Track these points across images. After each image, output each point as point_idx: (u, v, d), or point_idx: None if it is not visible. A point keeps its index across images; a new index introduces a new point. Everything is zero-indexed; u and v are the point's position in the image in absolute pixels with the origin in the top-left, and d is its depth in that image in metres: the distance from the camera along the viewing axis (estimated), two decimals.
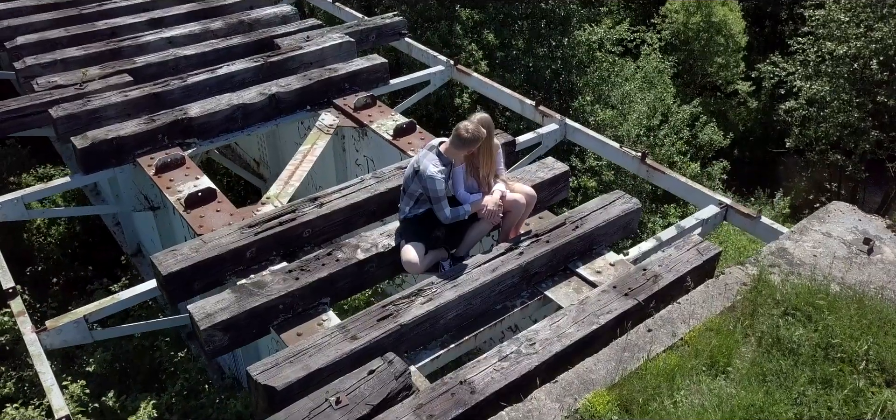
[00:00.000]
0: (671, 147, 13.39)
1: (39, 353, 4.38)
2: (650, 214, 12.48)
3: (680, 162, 13.58)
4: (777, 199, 15.59)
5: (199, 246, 4.76)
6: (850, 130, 15.04)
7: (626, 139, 12.25)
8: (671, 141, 13.51)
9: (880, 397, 3.72)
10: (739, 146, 19.21)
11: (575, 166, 11.73)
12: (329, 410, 3.69)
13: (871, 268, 4.67)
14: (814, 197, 17.88)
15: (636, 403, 3.72)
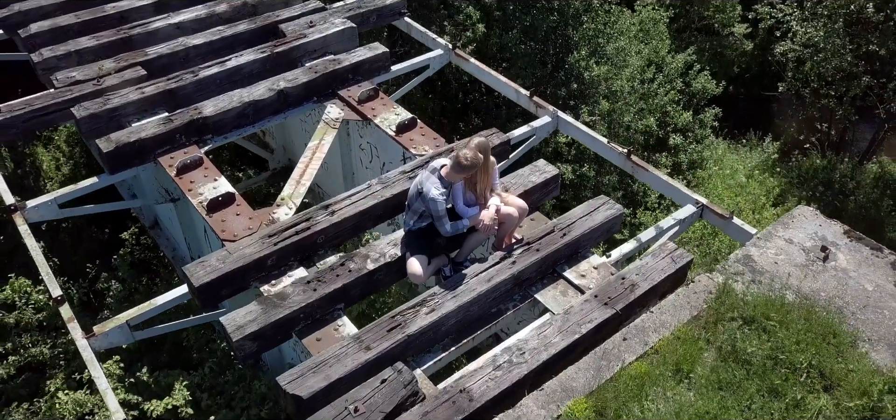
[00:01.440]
0: (664, 97, 13.76)
1: (91, 358, 5.03)
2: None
3: (672, 111, 13.98)
4: (766, 144, 16.08)
5: (225, 257, 5.33)
6: (842, 75, 15.38)
7: (620, 95, 12.63)
8: (664, 91, 13.87)
9: (817, 403, 4.40)
10: (735, 84, 19.52)
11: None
12: (349, 419, 4.36)
13: (825, 275, 5.28)
14: (804, 137, 18.37)
15: (610, 409, 4.40)
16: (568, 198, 12.78)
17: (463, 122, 12.92)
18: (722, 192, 12.75)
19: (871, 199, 14.64)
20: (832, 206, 14.37)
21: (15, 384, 7.80)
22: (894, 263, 5.40)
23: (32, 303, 7.60)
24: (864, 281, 5.23)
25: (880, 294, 5.13)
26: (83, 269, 9.62)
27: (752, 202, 12.39)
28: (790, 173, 15.51)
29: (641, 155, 13.74)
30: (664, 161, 13.58)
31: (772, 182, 15.17)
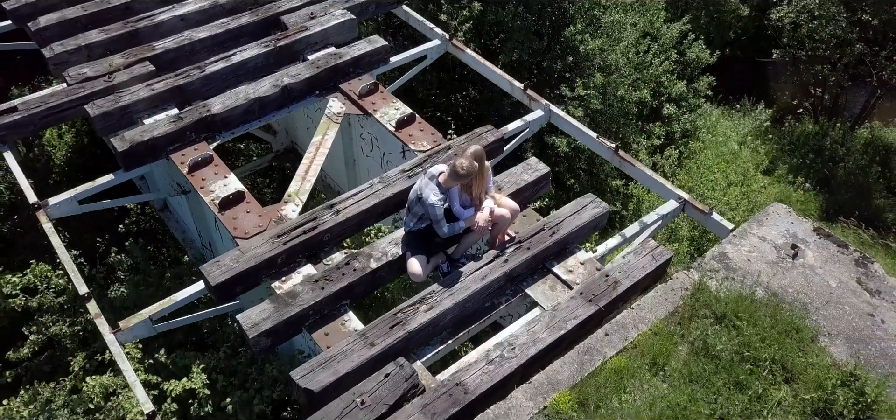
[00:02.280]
0: (659, 67, 14.01)
1: (119, 352, 5.52)
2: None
3: (667, 81, 14.26)
4: (758, 111, 16.39)
5: (239, 256, 5.77)
6: (836, 41, 15.62)
7: (614, 68, 12.90)
8: (659, 61, 14.12)
9: (778, 395, 4.91)
10: (731, 47, 19.67)
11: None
12: (356, 410, 4.87)
13: (794, 273, 5.74)
14: (798, 102, 18.63)
15: (592, 401, 4.91)
16: (563, 170, 13.19)
17: (462, 109, 13.21)
18: (712, 164, 13.14)
19: (860, 166, 15.04)
20: (821, 174, 14.79)
21: (38, 362, 8.35)
22: (858, 261, 5.85)
23: (53, 287, 8.07)
24: (828, 278, 5.70)
25: (842, 290, 5.61)
26: (91, 242, 10.09)
27: (743, 172, 12.77)
28: (782, 140, 15.87)
29: (635, 125, 14.09)
30: (657, 131, 13.90)
31: (763, 149, 15.57)
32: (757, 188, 12.52)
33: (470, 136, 6.88)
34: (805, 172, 15.17)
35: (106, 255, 10.72)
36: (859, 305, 5.50)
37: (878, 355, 5.17)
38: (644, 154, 13.29)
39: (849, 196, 14.56)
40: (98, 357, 7.54)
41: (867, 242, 13.42)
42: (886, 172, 15.18)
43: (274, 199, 10.72)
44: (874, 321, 5.39)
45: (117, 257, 10.39)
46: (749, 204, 11.57)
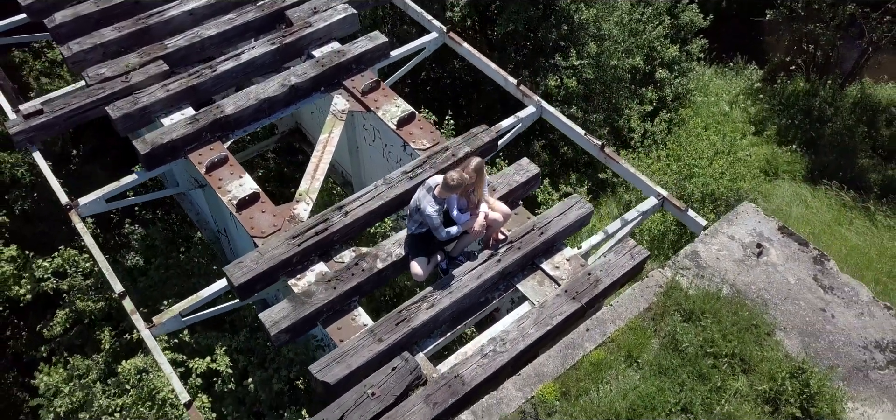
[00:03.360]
0: (652, 32, 14.40)
1: (155, 346, 6.26)
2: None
3: (660, 46, 14.66)
4: (750, 71, 16.82)
5: (258, 258, 6.44)
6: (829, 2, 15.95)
7: (608, 36, 13.30)
8: (653, 26, 14.49)
9: (735, 385, 5.67)
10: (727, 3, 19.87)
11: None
12: (368, 401, 5.64)
13: (757, 270, 6.43)
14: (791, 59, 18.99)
15: (573, 391, 5.68)
16: (556, 138, 13.75)
17: (463, 97, 13.67)
18: (701, 131, 13.67)
19: (848, 126, 15.57)
20: (808, 136, 15.34)
21: (69, 336, 9.13)
22: (816, 258, 6.54)
23: (81, 270, 8.77)
24: (788, 274, 6.39)
25: (800, 287, 6.31)
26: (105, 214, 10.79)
27: (730, 141, 13.33)
28: (772, 100, 16.34)
29: (629, 89, 14.57)
30: (649, 95, 14.40)
31: (754, 110, 16.08)
32: (743, 156, 13.10)
33: (466, 136, 7.45)
34: (793, 133, 15.73)
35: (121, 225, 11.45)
36: (813, 301, 6.22)
37: (826, 348, 5.91)
38: (636, 120, 13.83)
39: (834, 157, 15.16)
40: (127, 336, 8.30)
41: (848, 204, 14.13)
42: (872, 132, 15.73)
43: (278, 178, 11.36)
44: (825, 316, 6.12)
45: (130, 228, 11.11)
46: (733, 173, 12.17)
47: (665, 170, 12.41)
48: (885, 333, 6.01)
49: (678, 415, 5.50)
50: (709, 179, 11.65)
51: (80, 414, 7.94)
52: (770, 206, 13.47)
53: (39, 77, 11.45)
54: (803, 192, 14.27)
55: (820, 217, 13.37)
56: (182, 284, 8.81)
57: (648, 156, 13.21)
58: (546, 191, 12.18)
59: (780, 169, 14.88)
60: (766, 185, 14.30)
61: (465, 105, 14.26)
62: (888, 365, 5.81)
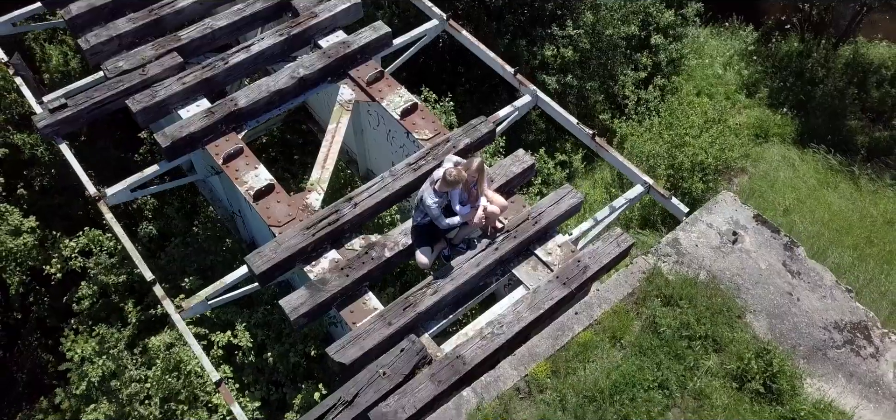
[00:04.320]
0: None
1: (185, 329, 6.98)
2: None
3: (655, 12, 15.03)
4: (745, 33, 17.19)
5: (276, 247, 7.11)
6: None
7: (604, 7, 13.68)
8: None
9: (707, 364, 6.41)
10: None
11: None
12: (379, 379, 6.38)
13: (732, 257, 7.11)
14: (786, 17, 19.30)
15: (562, 370, 6.42)
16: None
17: (462, 64, 14.07)
18: (693, 99, 14.16)
19: (839, 88, 16.03)
20: (798, 100, 15.84)
21: (96, 307, 9.86)
22: (786, 245, 7.21)
23: (105, 249, 9.44)
24: (760, 260, 7.08)
25: (770, 272, 7.00)
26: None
27: (721, 109, 13.85)
28: (766, 62, 16.77)
29: (624, 53, 15.00)
30: (644, 60, 14.83)
31: (747, 72, 16.52)
32: (733, 124, 13.62)
33: (466, 127, 8.02)
34: (785, 95, 16.22)
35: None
36: (782, 285, 6.92)
37: (790, 329, 6.64)
38: (630, 88, 14.31)
39: (824, 119, 15.68)
40: (152, 311, 9.04)
41: (834, 168, 14.74)
42: (863, 94, 16.19)
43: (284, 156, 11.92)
44: (792, 299, 6.83)
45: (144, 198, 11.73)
46: (722, 144, 12.72)
47: (657, 139, 12.98)
48: (843, 315, 6.73)
49: (655, 391, 6.25)
50: (698, 150, 12.22)
51: (111, 382, 8.74)
52: (758, 171, 14.09)
53: (48, 54, 11.86)
54: (792, 156, 14.84)
55: (806, 182, 13.97)
56: (200, 261, 9.49)
57: (641, 124, 13.76)
58: (542, 159, 12.77)
59: (770, 132, 15.41)
60: (755, 149, 14.88)
61: (464, 72, 14.68)
62: (844, 344, 6.55)
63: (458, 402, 6.22)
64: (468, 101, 14.02)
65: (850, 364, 6.44)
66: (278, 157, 12.73)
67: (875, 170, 14.52)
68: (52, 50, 11.62)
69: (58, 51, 11.69)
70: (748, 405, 6.17)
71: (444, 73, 13.45)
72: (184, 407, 8.17)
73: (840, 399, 6.20)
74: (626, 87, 14.18)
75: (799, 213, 13.01)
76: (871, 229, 12.73)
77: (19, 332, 12.54)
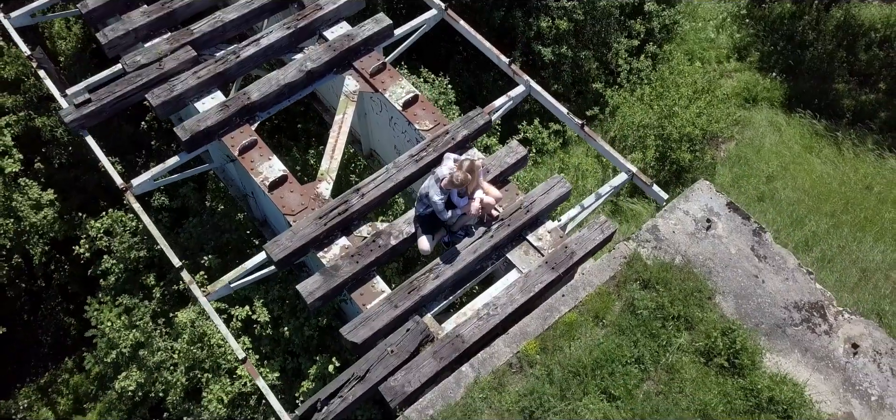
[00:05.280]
0: None
1: (212, 311, 7.84)
2: None
3: None
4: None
5: (292, 236, 7.91)
6: None
7: None
8: None
9: (679, 340, 7.31)
10: None
11: None
12: (388, 356, 7.28)
13: (705, 242, 7.94)
14: None
15: (549, 347, 7.32)
16: (548, 76, 14.84)
17: (462, 47, 14.57)
18: (685, 67, 14.75)
19: (828, 51, 16.63)
20: (786, 64, 16.44)
21: (121, 281, 10.72)
22: (755, 231, 8.03)
23: (128, 229, 10.25)
24: (730, 245, 7.91)
25: (739, 256, 7.84)
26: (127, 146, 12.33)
27: (710, 79, 14.47)
28: (757, 24, 17.30)
29: (618, 20, 15.54)
30: (638, 27, 15.38)
31: (739, 35, 17.07)
32: (721, 94, 14.26)
33: (464, 119, 8.72)
34: (775, 59, 16.81)
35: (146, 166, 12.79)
36: (749, 268, 7.77)
37: (755, 309, 7.52)
38: (623, 56, 14.90)
39: (812, 83, 16.32)
40: (175, 287, 9.91)
41: (819, 133, 15.47)
42: (852, 57, 16.76)
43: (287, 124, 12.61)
44: (757, 281, 7.69)
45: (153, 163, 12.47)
46: (710, 115, 13.39)
47: (646, 111, 13.67)
48: (802, 295, 7.60)
49: (632, 365, 7.16)
50: (686, 123, 12.93)
51: (140, 351, 9.68)
52: (745, 138, 14.82)
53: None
54: (779, 120, 15.54)
55: (791, 148, 14.72)
56: (217, 239, 10.32)
57: (633, 93, 14.42)
58: (537, 129, 13.51)
59: (759, 96, 16.08)
60: (744, 113, 15.58)
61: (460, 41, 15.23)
62: (802, 322, 7.44)
63: (457, 377, 7.14)
64: (465, 71, 14.65)
65: (806, 340, 7.35)
66: (282, 125, 13.44)
67: (858, 135, 15.23)
68: (63, 32, 12.20)
69: (71, 34, 12.29)
70: (714, 378, 7.09)
71: (442, 43, 14.00)
72: (208, 375, 9.11)
73: (795, 372, 7.12)
74: (620, 56, 14.78)
75: (782, 180, 13.81)
76: (850, 195, 13.55)
77: (41, 298, 13.48)
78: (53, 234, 12.09)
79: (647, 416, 6.85)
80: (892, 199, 13.65)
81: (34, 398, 12.90)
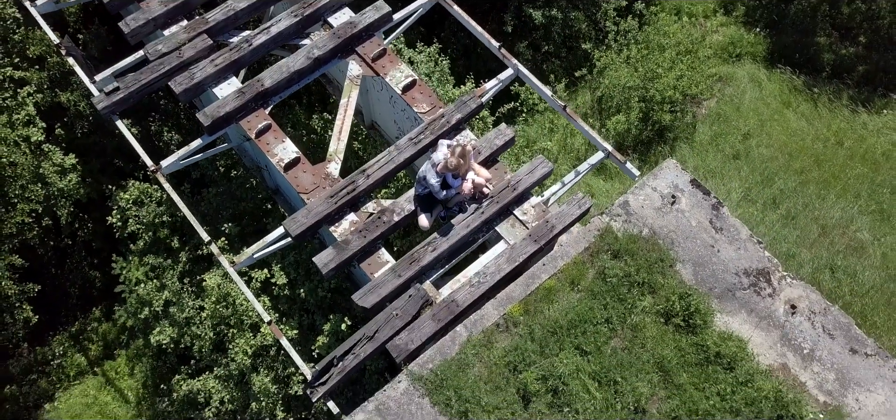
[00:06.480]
0: None
1: (239, 280, 9.20)
2: None
3: None
4: None
5: (307, 213, 9.20)
6: None
7: None
8: None
9: (643, 303, 8.69)
10: None
11: None
12: (393, 318, 8.68)
13: (670, 216, 9.24)
14: None
15: (532, 310, 8.71)
16: (539, 37, 15.83)
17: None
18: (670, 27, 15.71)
19: (812, 5, 17.56)
20: (770, 18, 17.39)
21: (148, 244, 12.06)
22: (714, 205, 9.31)
23: (154, 199, 11.52)
24: (692, 219, 9.21)
25: (699, 228, 9.15)
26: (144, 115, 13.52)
27: (692, 40, 15.47)
28: None
29: None
30: None
31: None
32: (703, 56, 15.26)
33: (457, 103, 9.88)
34: (759, 13, 17.75)
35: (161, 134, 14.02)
36: (707, 239, 9.10)
37: (709, 275, 8.88)
38: (611, 16, 15.82)
39: (795, 37, 17.31)
40: (199, 251, 11.26)
41: (797, 88, 16.57)
42: (834, 11, 17.69)
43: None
44: (713, 250, 9.03)
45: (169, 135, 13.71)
46: (690, 79, 14.46)
47: (632, 73, 14.72)
48: (752, 262, 8.95)
49: (602, 325, 8.57)
50: (667, 87, 14.02)
51: (170, 308, 11.11)
52: (726, 95, 15.92)
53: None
54: (760, 75, 16.61)
55: (769, 104, 15.85)
56: (234, 207, 11.61)
57: (620, 54, 15.43)
58: (528, 91, 14.60)
59: (743, 51, 17.10)
60: (727, 68, 16.64)
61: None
62: (749, 286, 8.82)
63: (453, 336, 8.55)
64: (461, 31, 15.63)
65: (752, 302, 8.74)
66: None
67: (835, 90, 16.33)
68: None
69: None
70: (671, 336, 8.51)
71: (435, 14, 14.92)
72: (233, 330, 10.56)
73: (740, 330, 8.54)
74: (608, 16, 15.72)
75: (758, 137, 15.01)
76: (820, 152, 14.77)
77: (67, 254, 14.84)
78: (78, 196, 13.36)
79: (614, 368, 8.29)
80: (861, 153, 14.89)
81: (67, 345, 14.42)
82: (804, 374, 8.29)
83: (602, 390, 8.12)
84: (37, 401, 13.81)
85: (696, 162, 14.21)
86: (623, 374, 8.17)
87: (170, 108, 14.35)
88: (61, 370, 14.16)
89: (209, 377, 10.77)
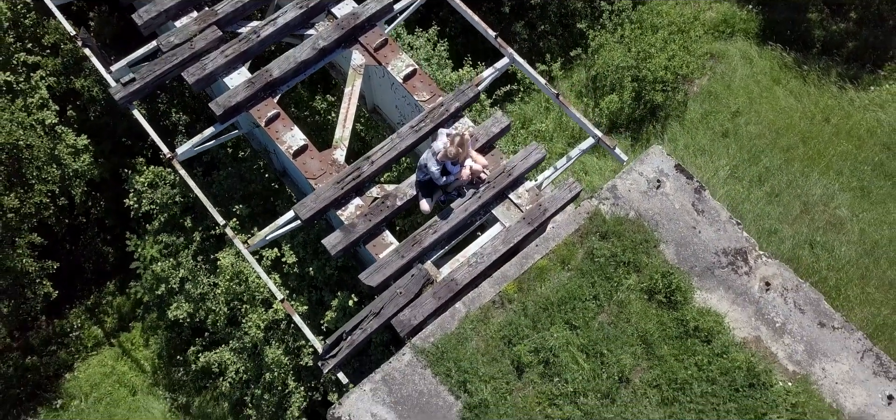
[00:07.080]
0: None
1: (252, 260, 9.98)
2: None
3: None
4: None
5: (316, 198, 9.95)
6: None
7: None
8: None
9: (628, 281, 9.50)
10: None
11: None
12: (397, 297, 9.49)
13: (655, 199, 9.99)
14: None
15: (525, 287, 9.51)
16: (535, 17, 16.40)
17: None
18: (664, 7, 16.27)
19: None
20: None
21: (162, 223, 12.82)
22: (696, 189, 10.06)
23: (168, 181, 12.25)
24: (675, 202, 9.97)
25: (681, 211, 9.91)
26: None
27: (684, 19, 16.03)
28: None
29: None
30: None
31: None
32: (694, 36, 15.85)
33: (456, 93, 10.56)
34: None
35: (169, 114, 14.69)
36: (689, 221, 9.86)
37: (691, 255, 9.66)
38: None
39: (787, 13, 17.86)
40: (212, 230, 12.03)
41: (787, 64, 17.18)
42: None
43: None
44: (695, 231, 9.80)
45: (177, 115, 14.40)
46: (681, 60, 15.07)
47: (625, 53, 15.33)
48: (730, 242, 9.73)
49: (590, 301, 9.38)
50: (659, 68, 14.64)
51: (186, 285, 11.92)
52: (717, 73, 16.54)
53: None
54: (752, 52, 17.19)
55: (759, 81, 16.48)
56: (244, 188, 12.35)
57: (614, 33, 16.01)
58: None
59: (736, 28, 17.66)
60: (720, 45, 17.22)
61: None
62: (727, 265, 9.61)
63: (452, 312, 9.37)
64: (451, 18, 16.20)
65: (730, 280, 9.54)
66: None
67: (824, 67, 16.93)
68: None
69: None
70: (654, 311, 9.32)
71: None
72: (246, 306, 11.38)
73: (718, 305, 9.35)
74: None
75: (747, 115, 15.69)
76: (807, 129, 15.44)
77: (81, 230, 15.61)
78: (91, 176, 14.08)
79: (600, 341, 9.12)
80: (847, 130, 15.59)
81: (84, 318, 15.27)
82: (776, 346, 9.11)
83: (589, 361, 8.95)
84: (57, 371, 14.69)
85: (686, 140, 14.90)
86: (609, 346, 8.99)
87: (176, 88, 15.00)
88: (79, 342, 15.02)
89: (225, 350, 11.63)
